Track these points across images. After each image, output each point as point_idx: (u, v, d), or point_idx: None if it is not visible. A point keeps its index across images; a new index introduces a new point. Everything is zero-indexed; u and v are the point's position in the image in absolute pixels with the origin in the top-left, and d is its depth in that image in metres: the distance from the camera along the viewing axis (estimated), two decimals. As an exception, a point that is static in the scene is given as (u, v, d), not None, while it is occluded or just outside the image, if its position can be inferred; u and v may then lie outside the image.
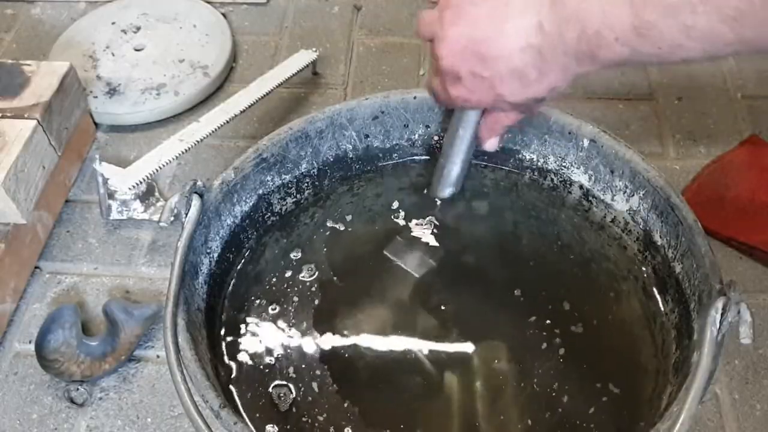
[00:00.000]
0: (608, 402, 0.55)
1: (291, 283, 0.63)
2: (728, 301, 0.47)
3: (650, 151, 0.81)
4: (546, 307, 0.60)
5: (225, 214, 0.63)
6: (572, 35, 0.45)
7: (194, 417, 0.48)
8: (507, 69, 0.49)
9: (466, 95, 0.53)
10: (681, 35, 0.41)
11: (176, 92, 0.86)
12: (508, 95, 0.51)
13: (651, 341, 0.58)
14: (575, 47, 0.45)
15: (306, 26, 0.98)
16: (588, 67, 0.47)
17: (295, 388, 0.57)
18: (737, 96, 0.86)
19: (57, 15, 1.00)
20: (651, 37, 0.42)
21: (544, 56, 0.47)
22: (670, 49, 0.42)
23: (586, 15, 0.44)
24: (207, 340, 0.58)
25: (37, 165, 0.71)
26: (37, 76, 0.75)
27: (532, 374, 0.57)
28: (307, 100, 0.89)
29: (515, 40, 0.47)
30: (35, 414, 0.64)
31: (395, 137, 0.70)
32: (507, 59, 0.48)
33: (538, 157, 0.68)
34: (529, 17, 0.46)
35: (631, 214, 0.64)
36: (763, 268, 0.71)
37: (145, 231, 0.76)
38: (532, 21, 0.46)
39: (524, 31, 0.47)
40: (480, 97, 0.53)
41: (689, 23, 0.40)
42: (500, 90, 0.51)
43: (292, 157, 0.66)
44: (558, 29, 0.45)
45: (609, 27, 0.43)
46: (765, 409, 0.62)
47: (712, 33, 0.40)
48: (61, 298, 0.71)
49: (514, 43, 0.48)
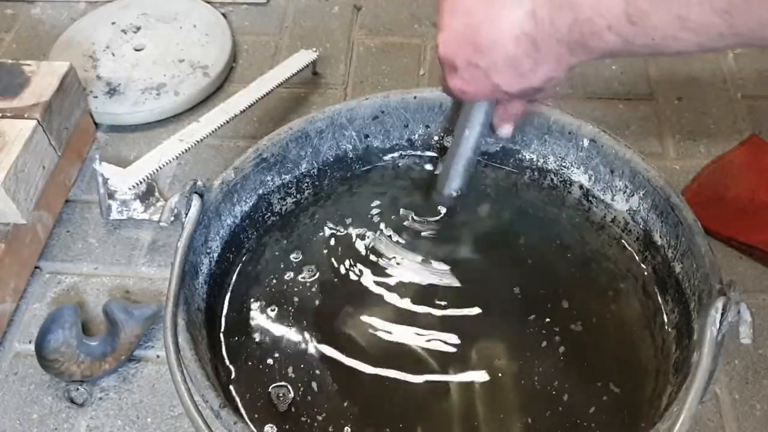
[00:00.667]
0: (608, 401, 0.55)
1: (291, 283, 0.63)
2: (728, 301, 0.47)
3: (650, 151, 0.81)
4: (546, 307, 0.60)
5: (225, 214, 0.63)
6: (564, 23, 0.45)
7: (194, 417, 0.48)
8: (501, 58, 0.49)
9: (462, 86, 0.53)
10: (674, 26, 0.40)
11: (176, 92, 0.86)
12: (504, 85, 0.51)
13: (651, 341, 0.58)
14: (567, 35, 0.45)
15: (306, 26, 0.98)
16: (582, 57, 0.47)
17: (294, 388, 0.57)
18: (737, 96, 0.86)
19: (57, 15, 1.00)
20: (644, 27, 0.41)
21: (538, 45, 0.47)
22: (663, 40, 0.42)
23: (578, 2, 0.43)
24: (207, 340, 0.58)
25: (37, 165, 0.71)
26: (37, 76, 0.75)
27: (532, 373, 0.57)
28: (307, 100, 0.89)
29: (509, 29, 0.47)
30: (35, 414, 0.64)
31: (395, 137, 0.70)
32: (501, 48, 0.48)
33: (538, 157, 0.68)
34: (522, 5, 0.46)
35: (631, 214, 0.64)
36: (763, 268, 0.71)
37: (145, 231, 0.76)
38: (525, 9, 0.46)
39: (517, 19, 0.47)
40: (477, 88, 0.53)
41: (682, 14, 0.39)
42: (496, 80, 0.51)
43: (292, 157, 0.66)
44: (550, 17, 0.45)
45: (601, 14, 0.42)
46: (765, 409, 0.62)
47: (705, 24, 0.39)
48: (61, 298, 0.71)
49: (508, 31, 0.47)
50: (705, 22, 0.39)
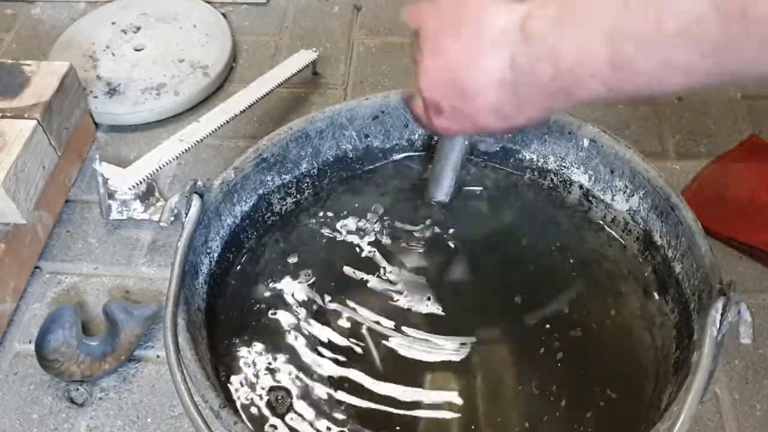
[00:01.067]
0: (608, 401, 0.55)
1: (291, 284, 0.63)
2: (728, 301, 0.47)
3: (650, 151, 0.81)
4: (546, 307, 0.60)
5: (225, 214, 0.63)
6: (545, 73, 0.43)
7: (194, 417, 0.48)
8: (485, 105, 0.48)
9: (448, 125, 0.52)
10: (659, 69, 0.39)
11: (176, 92, 0.86)
12: (488, 126, 0.50)
13: (651, 341, 0.58)
14: (549, 84, 0.44)
15: (306, 26, 0.98)
16: (564, 103, 0.46)
17: (293, 391, 0.57)
18: (737, 96, 0.86)
19: (57, 15, 1.00)
20: (629, 73, 0.40)
21: (519, 92, 0.46)
22: (649, 84, 0.40)
23: (560, 50, 0.42)
24: (207, 340, 0.58)
25: (37, 165, 0.71)
26: (37, 76, 0.75)
27: (532, 373, 0.57)
28: (307, 100, 0.89)
29: (490, 76, 0.46)
30: (35, 414, 0.64)
31: (395, 137, 0.70)
32: (484, 95, 0.47)
33: (538, 157, 0.68)
34: (500, 53, 0.45)
35: (631, 214, 0.64)
36: (763, 268, 0.70)
37: (145, 231, 0.76)
38: (503, 57, 0.45)
39: (498, 67, 0.45)
40: (462, 128, 0.52)
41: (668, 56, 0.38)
42: (481, 123, 0.50)
43: (292, 157, 0.66)
44: (530, 66, 0.44)
45: (583, 64, 0.41)
46: (765, 409, 0.62)
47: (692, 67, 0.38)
48: (61, 298, 0.71)
49: (490, 79, 0.46)
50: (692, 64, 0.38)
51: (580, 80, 0.42)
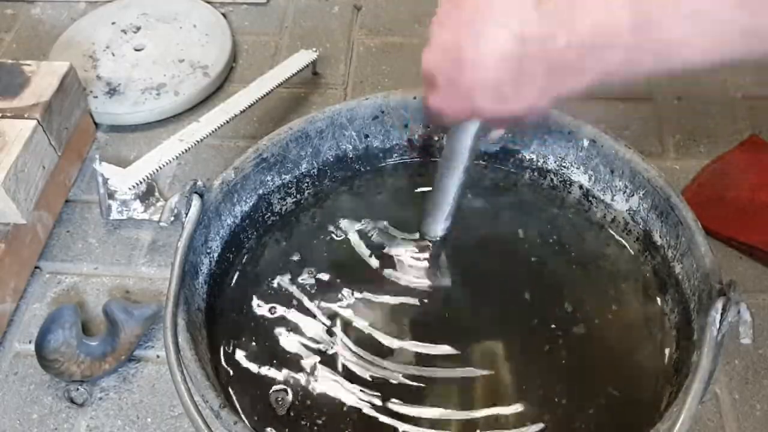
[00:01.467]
0: (608, 402, 0.55)
1: (291, 284, 0.63)
2: (728, 301, 0.47)
3: (650, 151, 0.81)
4: (546, 307, 0.60)
5: (225, 214, 0.63)
6: (558, 42, 0.41)
7: (194, 417, 0.48)
8: (483, 79, 0.46)
9: (441, 104, 0.50)
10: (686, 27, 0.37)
11: (176, 92, 0.86)
12: (483, 109, 0.48)
13: (651, 341, 0.58)
14: (560, 56, 0.42)
15: (306, 26, 0.98)
16: (569, 83, 0.45)
17: (293, 391, 0.57)
18: (737, 96, 0.86)
19: (57, 15, 1.00)
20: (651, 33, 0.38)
21: (523, 69, 0.44)
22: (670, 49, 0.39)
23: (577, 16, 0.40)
24: (207, 340, 0.58)
25: (37, 165, 0.71)
26: (37, 76, 0.75)
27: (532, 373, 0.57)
28: (307, 100, 0.89)
29: (492, 47, 0.44)
30: (35, 414, 0.64)
31: (395, 137, 0.70)
32: (483, 68, 0.45)
33: (537, 157, 0.68)
34: (509, 26, 0.43)
35: (631, 214, 0.64)
36: (763, 268, 0.70)
37: (145, 231, 0.76)
38: (512, 30, 0.43)
39: (503, 38, 0.43)
40: (455, 109, 0.50)
41: (696, 7, 0.36)
42: (475, 102, 0.48)
43: (292, 157, 0.66)
44: (541, 37, 0.42)
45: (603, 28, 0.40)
46: (765, 409, 0.62)
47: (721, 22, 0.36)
48: (61, 298, 0.71)
49: (492, 50, 0.44)
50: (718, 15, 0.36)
51: (595, 52, 0.40)
